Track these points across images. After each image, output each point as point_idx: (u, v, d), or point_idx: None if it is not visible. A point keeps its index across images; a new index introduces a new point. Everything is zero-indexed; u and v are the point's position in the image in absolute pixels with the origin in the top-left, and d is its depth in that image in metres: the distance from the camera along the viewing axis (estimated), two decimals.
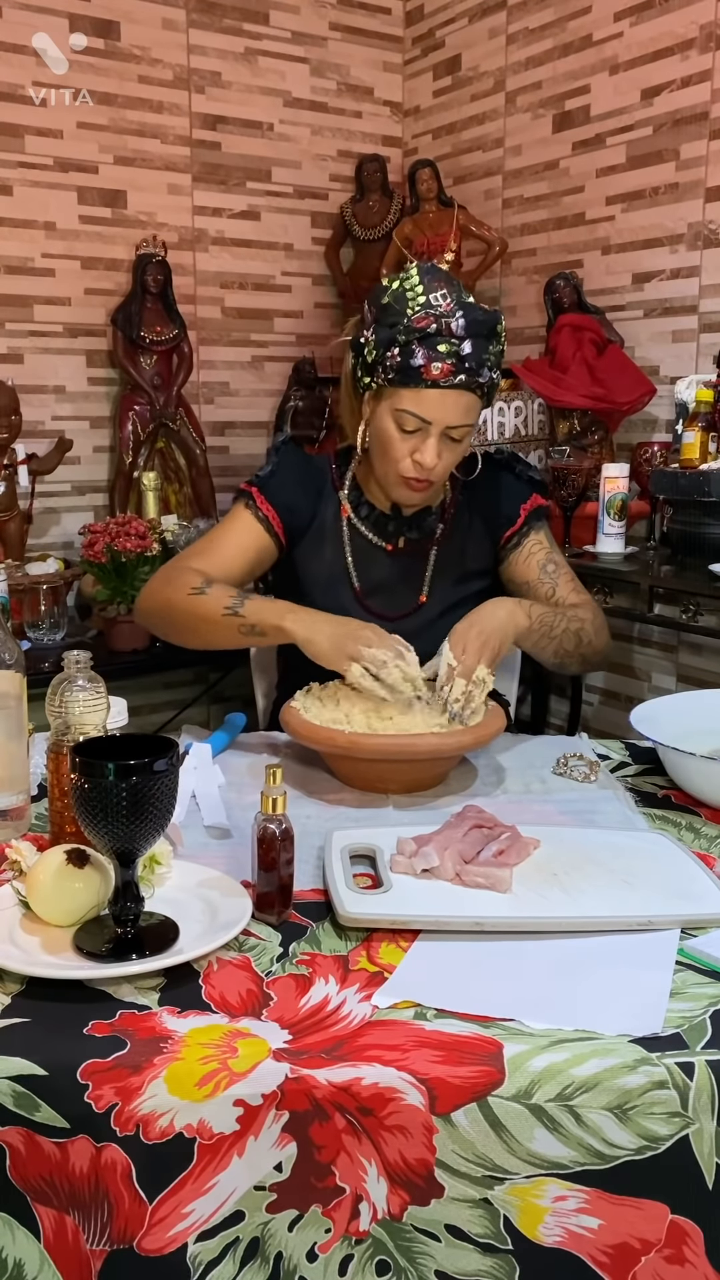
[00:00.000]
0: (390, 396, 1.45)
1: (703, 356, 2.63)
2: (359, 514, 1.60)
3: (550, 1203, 0.79)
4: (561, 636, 1.47)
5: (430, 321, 1.39)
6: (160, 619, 1.53)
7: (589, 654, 1.53)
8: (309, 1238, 0.79)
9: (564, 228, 3.01)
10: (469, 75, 3.27)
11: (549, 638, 1.46)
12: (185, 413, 3.13)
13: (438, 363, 1.39)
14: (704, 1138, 0.80)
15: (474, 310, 1.41)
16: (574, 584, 1.61)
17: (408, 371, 1.40)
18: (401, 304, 1.41)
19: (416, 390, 1.42)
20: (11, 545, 2.76)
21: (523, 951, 0.96)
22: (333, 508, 1.61)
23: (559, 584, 1.59)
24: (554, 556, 1.61)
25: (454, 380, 1.40)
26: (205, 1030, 0.84)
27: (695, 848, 1.17)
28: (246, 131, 3.26)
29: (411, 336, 1.39)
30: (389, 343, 1.41)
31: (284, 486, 1.59)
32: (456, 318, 1.39)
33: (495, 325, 1.43)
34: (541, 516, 1.64)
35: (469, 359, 1.39)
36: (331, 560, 1.59)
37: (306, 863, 1.11)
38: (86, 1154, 0.78)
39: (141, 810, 0.89)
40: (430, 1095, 0.79)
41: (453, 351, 1.39)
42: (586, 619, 1.53)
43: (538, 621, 1.45)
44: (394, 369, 1.42)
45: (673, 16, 2.62)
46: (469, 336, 1.39)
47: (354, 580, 1.59)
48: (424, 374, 1.39)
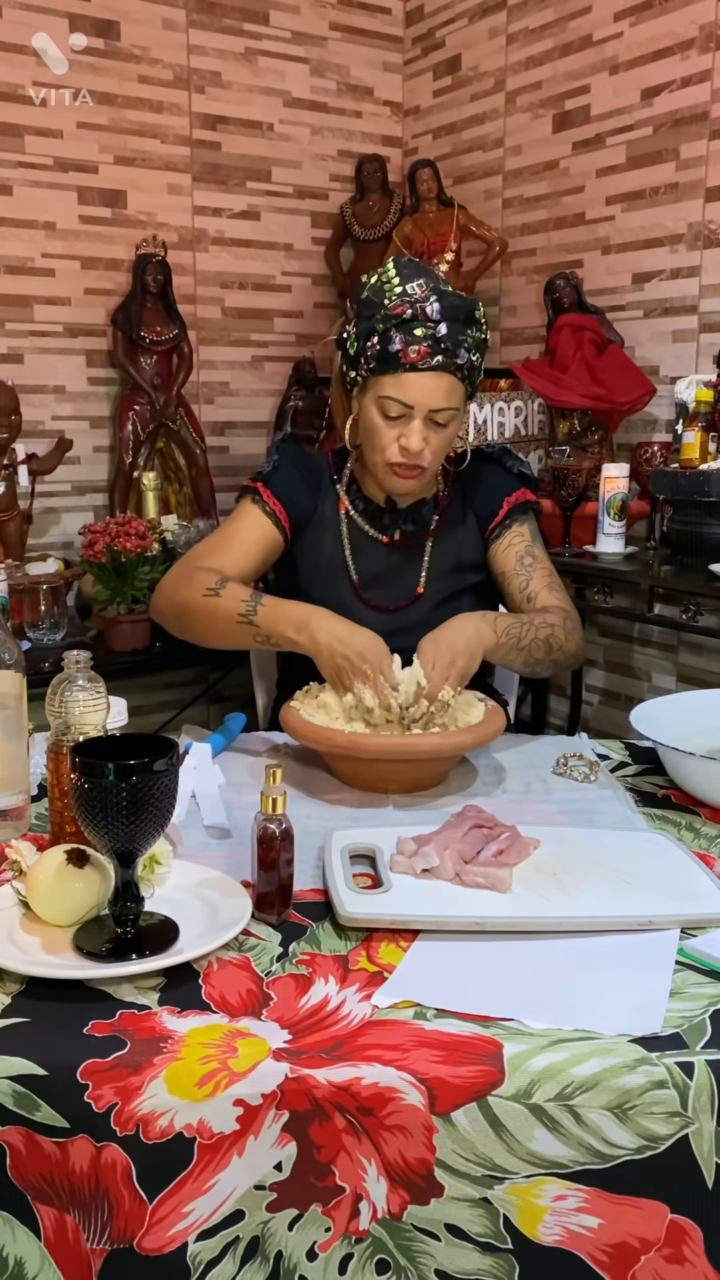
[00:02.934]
0: (374, 386, 1.47)
1: (703, 356, 2.63)
2: (356, 507, 1.62)
3: (550, 1202, 0.79)
4: (530, 646, 1.47)
5: (406, 308, 1.42)
6: (176, 619, 1.54)
7: (560, 659, 1.52)
8: (309, 1237, 0.79)
9: (564, 228, 3.01)
10: (469, 75, 3.27)
11: (517, 649, 1.45)
12: (185, 413, 3.13)
13: (414, 346, 1.42)
14: (704, 1137, 0.80)
15: (449, 296, 1.44)
16: (550, 580, 1.60)
17: (387, 358, 1.44)
18: (379, 295, 1.45)
19: (397, 375, 1.45)
20: (11, 545, 2.76)
21: (523, 951, 0.96)
22: (331, 501, 1.63)
23: (533, 578, 1.58)
24: (533, 550, 1.61)
25: (431, 362, 1.43)
26: (205, 1030, 0.84)
27: (695, 848, 1.17)
28: (246, 131, 3.26)
29: (389, 324, 1.43)
30: (369, 333, 1.45)
31: (287, 481, 1.61)
32: (431, 302, 1.42)
33: (472, 310, 1.45)
34: (526, 510, 1.64)
35: (445, 340, 1.42)
36: (330, 553, 1.60)
37: (306, 863, 1.11)
38: (86, 1154, 0.78)
39: (141, 810, 0.89)
40: (430, 1095, 0.79)
41: (429, 334, 1.42)
42: (556, 623, 1.51)
43: (504, 635, 1.44)
44: (375, 357, 1.45)
45: (673, 16, 2.62)
46: (444, 320, 1.42)
47: (352, 572, 1.60)
48: (402, 358, 1.43)
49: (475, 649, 1.40)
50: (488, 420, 2.86)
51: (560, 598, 1.58)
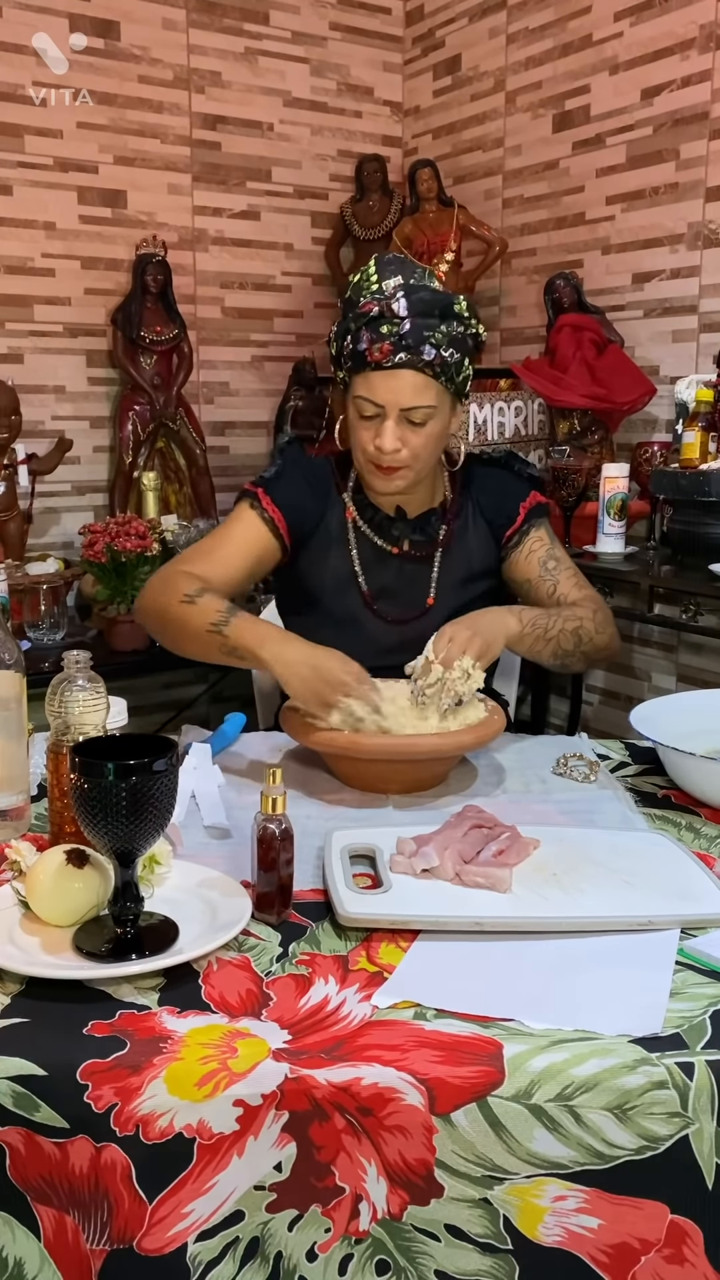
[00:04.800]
0: (352, 386, 1.47)
1: (703, 356, 2.63)
2: (364, 517, 1.59)
3: (550, 1202, 0.79)
4: (558, 638, 1.46)
5: (374, 306, 1.42)
6: (154, 624, 1.50)
7: (591, 651, 1.50)
8: (309, 1237, 0.79)
9: (564, 228, 3.01)
10: (469, 75, 3.27)
11: (544, 640, 1.45)
12: (185, 413, 3.13)
13: (379, 344, 1.41)
14: (704, 1138, 0.80)
15: (421, 291, 1.42)
16: (576, 579, 1.59)
17: (356, 357, 1.44)
18: (357, 294, 1.45)
19: (365, 375, 1.44)
20: (11, 545, 2.76)
21: (522, 951, 0.96)
22: (338, 511, 1.60)
23: (560, 580, 1.57)
24: (555, 552, 1.60)
25: (394, 359, 1.41)
26: (205, 1030, 0.84)
27: (695, 848, 1.17)
28: (246, 131, 3.26)
29: (360, 323, 1.43)
30: (344, 333, 1.45)
31: (291, 487, 1.58)
32: (398, 299, 1.41)
33: (448, 305, 1.43)
34: (541, 514, 1.63)
35: (408, 336, 1.40)
36: (339, 564, 1.58)
37: (306, 863, 1.11)
38: (86, 1154, 0.78)
39: (141, 810, 0.89)
40: (430, 1095, 0.79)
41: (393, 331, 1.41)
42: (586, 616, 1.50)
43: (529, 625, 1.43)
44: (348, 357, 1.45)
45: (673, 16, 2.62)
46: (410, 315, 1.40)
47: (362, 584, 1.57)
48: (368, 356, 1.42)
49: (497, 630, 1.39)
50: (488, 420, 2.86)
51: (589, 594, 1.58)
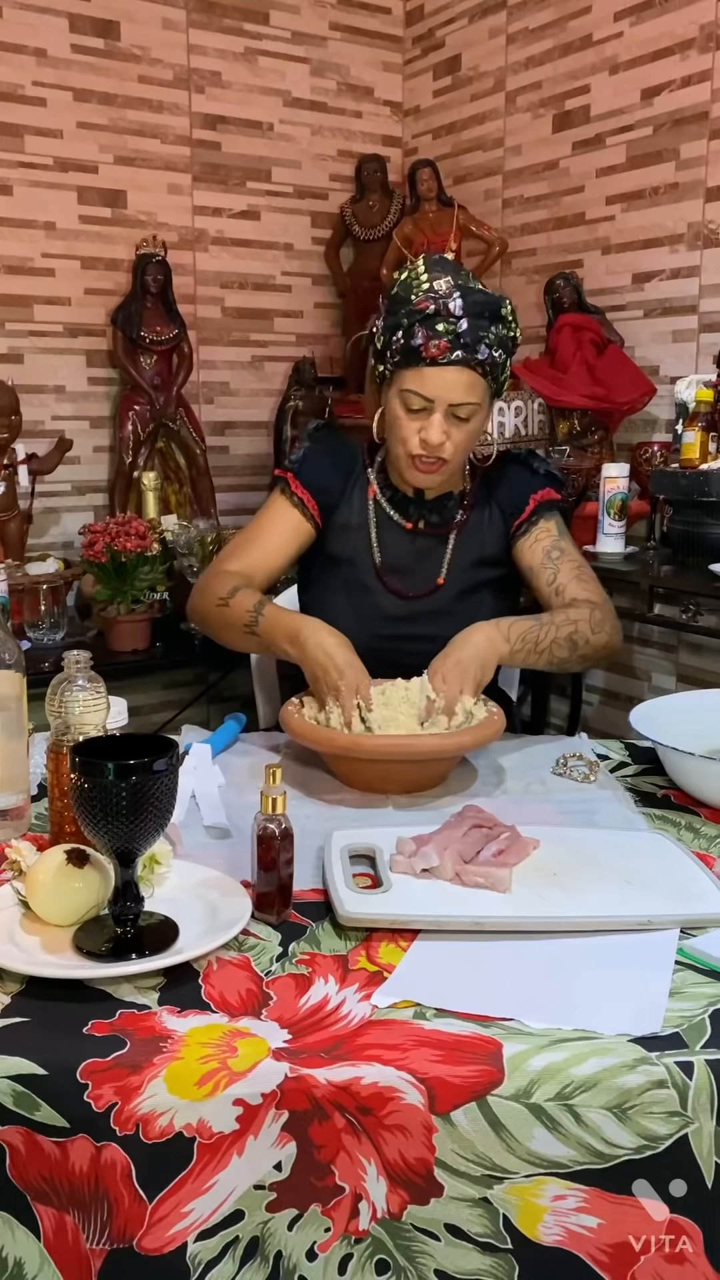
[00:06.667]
0: (398, 379, 1.49)
1: (703, 356, 2.63)
2: (384, 494, 1.64)
3: (549, 1202, 0.79)
4: (551, 648, 1.45)
5: (429, 304, 1.44)
6: (206, 629, 1.59)
7: (589, 653, 1.50)
8: (309, 1237, 0.79)
9: (564, 228, 3.01)
10: (469, 75, 3.27)
11: (536, 653, 1.45)
12: (185, 413, 3.13)
13: (435, 340, 1.44)
14: (703, 1137, 0.80)
15: (475, 293, 1.46)
16: (579, 573, 1.58)
17: (409, 352, 1.46)
18: (407, 291, 1.47)
19: (418, 369, 1.46)
20: (11, 545, 2.76)
21: (522, 951, 0.96)
22: (361, 486, 1.65)
23: (560, 570, 1.57)
24: (561, 544, 1.60)
25: (451, 357, 1.44)
26: (205, 1030, 0.84)
27: (695, 848, 1.17)
28: (246, 131, 3.26)
29: (414, 319, 1.45)
30: (394, 328, 1.47)
31: (317, 468, 1.63)
32: (454, 298, 1.44)
33: (498, 308, 1.47)
34: (553, 508, 1.64)
35: (465, 335, 1.44)
36: (356, 535, 1.62)
37: (306, 863, 1.11)
38: (86, 1153, 0.78)
39: (141, 810, 0.89)
40: (430, 1095, 0.79)
41: (450, 330, 1.44)
42: (581, 618, 1.49)
43: (519, 641, 1.43)
44: (399, 352, 1.47)
45: (673, 16, 2.62)
46: (466, 316, 1.44)
47: (375, 556, 1.60)
48: (423, 352, 1.45)
49: (488, 658, 1.40)
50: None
51: (590, 589, 1.56)
